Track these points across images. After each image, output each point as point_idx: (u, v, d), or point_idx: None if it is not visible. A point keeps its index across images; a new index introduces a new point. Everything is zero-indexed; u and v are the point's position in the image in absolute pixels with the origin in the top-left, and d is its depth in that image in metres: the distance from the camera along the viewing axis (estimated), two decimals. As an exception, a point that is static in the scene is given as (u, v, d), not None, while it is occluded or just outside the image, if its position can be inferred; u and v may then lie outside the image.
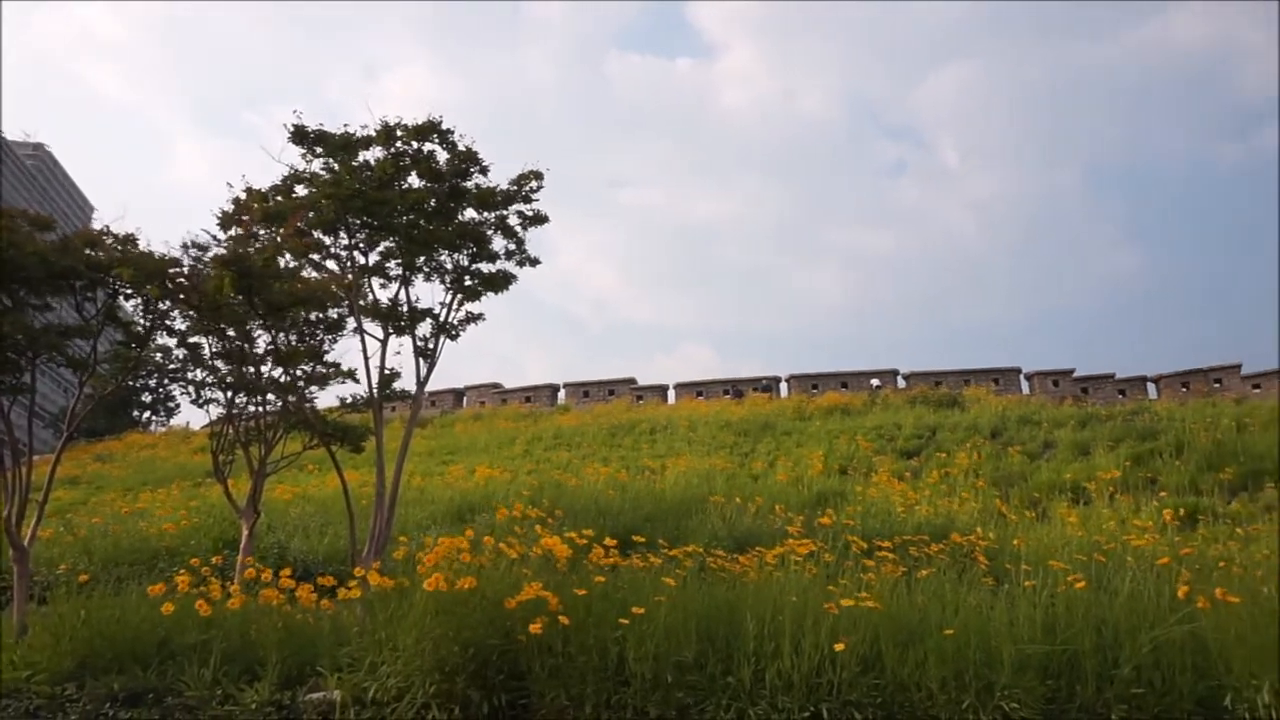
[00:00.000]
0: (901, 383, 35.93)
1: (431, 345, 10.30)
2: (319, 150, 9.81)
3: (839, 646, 5.05)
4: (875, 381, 35.73)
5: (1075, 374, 35.14)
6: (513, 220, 10.41)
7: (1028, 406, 23.52)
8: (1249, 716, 4.77)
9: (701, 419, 24.58)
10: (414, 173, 10.02)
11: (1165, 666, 5.00)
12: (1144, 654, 5.01)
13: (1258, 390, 31.42)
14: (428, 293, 33.04)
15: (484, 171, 10.14)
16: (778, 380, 37.82)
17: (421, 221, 9.87)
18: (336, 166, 9.87)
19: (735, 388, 37.00)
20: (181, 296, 9.16)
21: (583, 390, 38.03)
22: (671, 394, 37.60)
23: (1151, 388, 34.35)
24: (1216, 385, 32.70)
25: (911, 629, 5.36)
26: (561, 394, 38.50)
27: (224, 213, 9.97)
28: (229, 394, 10.25)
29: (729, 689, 5.21)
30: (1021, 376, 35.87)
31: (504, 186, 10.19)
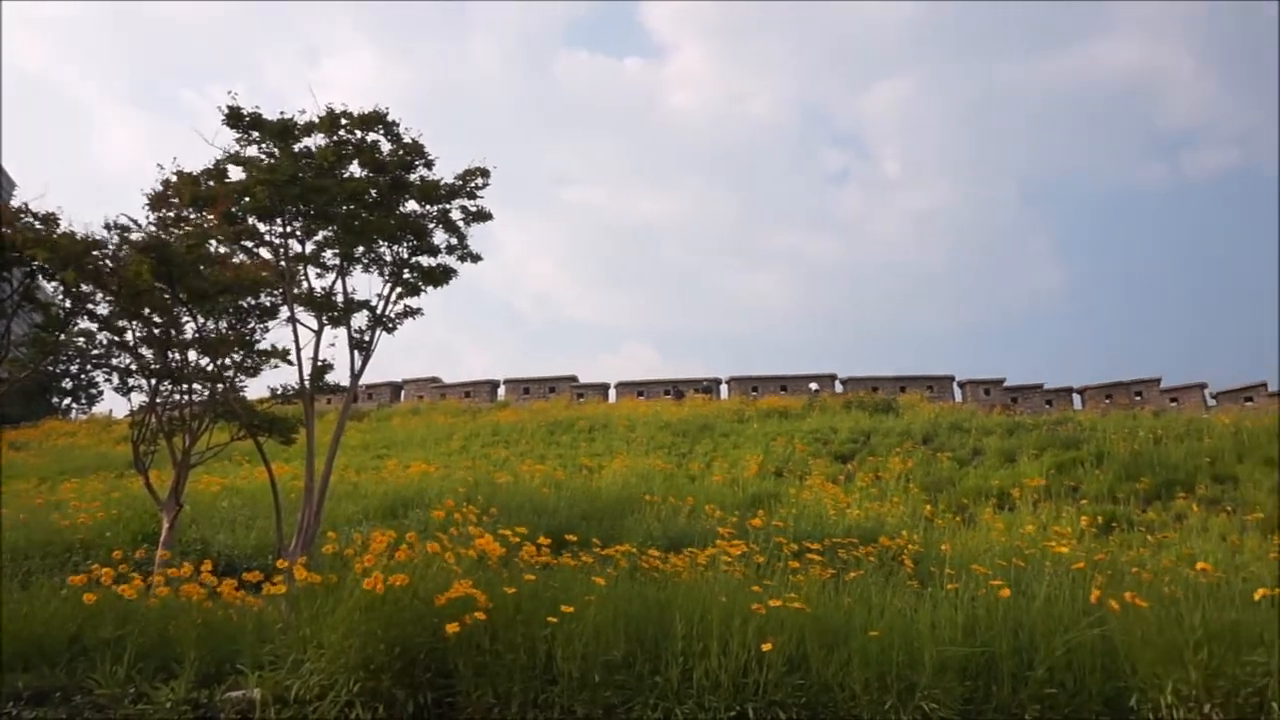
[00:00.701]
0: (840, 387, 36.53)
1: (367, 337, 10.13)
2: (255, 135, 9.57)
3: (766, 647, 5.11)
4: (814, 386, 36.26)
5: (1006, 383, 36.16)
6: (456, 215, 10.29)
7: (959, 414, 24.11)
8: (1152, 716, 4.97)
9: (641, 418, 24.64)
10: (356, 162, 9.84)
11: (1077, 668, 5.17)
12: (1057, 656, 5.18)
13: (1174, 404, 32.73)
14: (365, 284, 32.42)
15: (428, 165, 10.02)
16: (718, 382, 38.12)
17: (362, 212, 9.70)
18: (277, 152, 9.63)
19: (676, 388, 37.19)
20: (102, 281, 8.82)
21: (523, 387, 37.81)
22: (612, 393, 37.63)
23: (1077, 398, 35.52)
24: (1138, 398, 33.98)
25: (837, 630, 5.46)
26: (501, 390, 38.22)
27: (153, 194, 9.65)
28: (153, 382, 9.91)
29: (656, 688, 5.23)
30: (955, 384, 36.77)
31: (448, 181, 10.07)
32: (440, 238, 10.23)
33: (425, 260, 10.21)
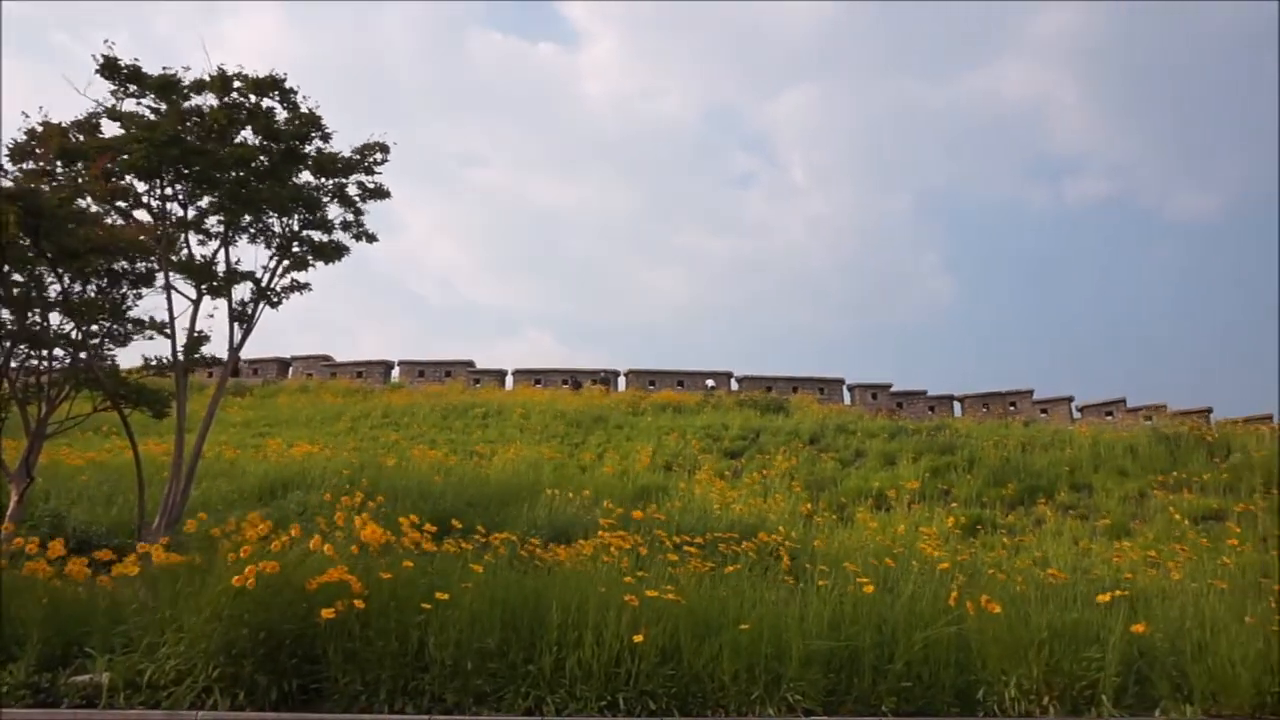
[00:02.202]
0: (735, 385, 37.20)
1: (250, 310, 9.70)
2: (132, 88, 9.01)
3: (638, 638, 5.18)
4: (710, 382, 36.81)
5: (892, 389, 37.53)
6: (352, 190, 9.96)
7: (846, 416, 24.90)
8: (997, 708, 5.29)
9: (536, 407, 24.50)
10: (249, 128, 9.39)
11: (933, 662, 5.44)
12: (916, 651, 5.44)
13: (1044, 415, 34.70)
14: (251, 255, 31.00)
15: (326, 137, 9.66)
16: (616, 374, 38.27)
17: (251, 180, 9.26)
18: (164, 108, 9.11)
19: (574, 378, 37.12)
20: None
21: (418, 369, 37.04)
22: (510, 380, 37.28)
23: (958, 406, 37.23)
24: (1012, 408, 35.85)
25: (711, 622, 5.58)
26: (396, 372, 37.33)
27: (15, 143, 8.98)
28: (8, 344, 9.24)
29: (529, 677, 5.24)
30: (845, 387, 37.95)
31: (346, 154, 9.73)
32: (335, 213, 9.90)
33: (317, 235, 9.85)
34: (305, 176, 9.76)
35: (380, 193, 10.01)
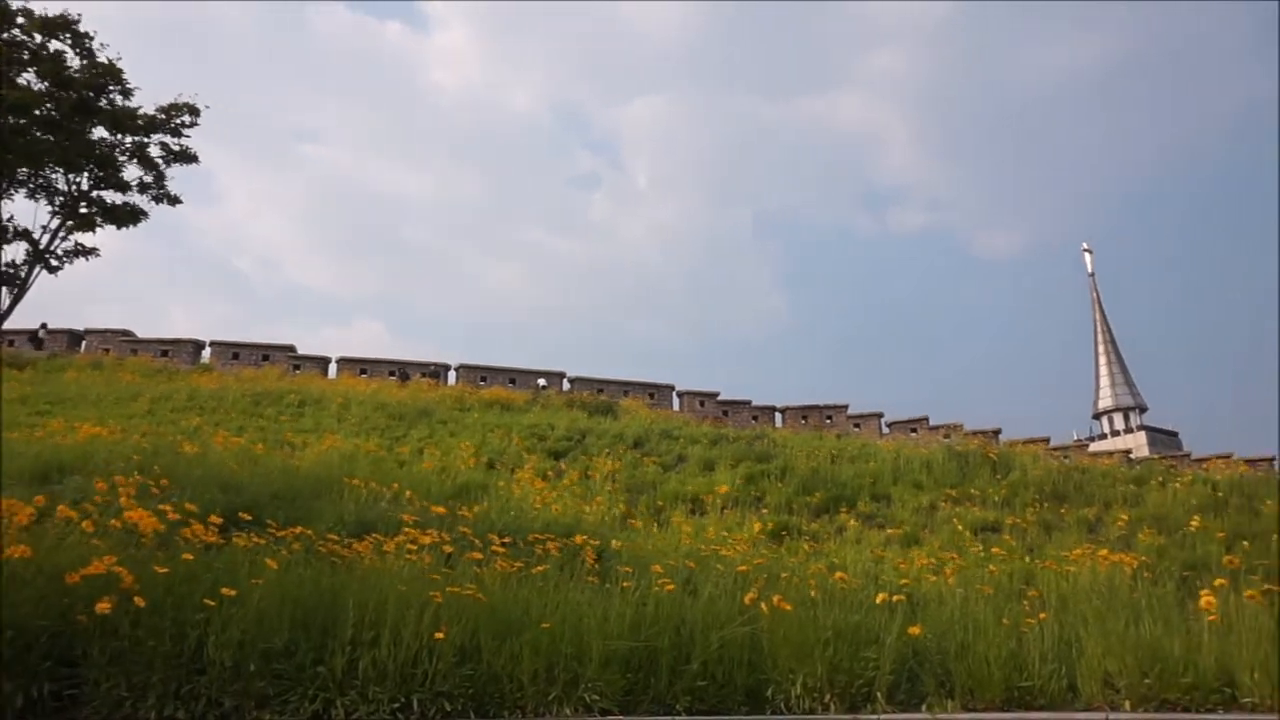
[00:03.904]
0: (567, 385, 37.31)
1: (24, 273, 8.76)
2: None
3: (438, 636, 5.06)
4: (542, 381, 36.73)
5: (720, 397, 38.86)
6: (155, 151, 9.21)
7: (673, 422, 25.49)
8: (784, 705, 5.54)
9: (358, 397, 23.55)
10: (33, 70, 8.48)
11: (728, 662, 5.64)
12: (712, 651, 5.62)
13: (857, 428, 37.01)
14: (29, 213, 28.06)
15: (126, 92, 8.90)
16: (447, 368, 37.47)
17: (34, 129, 8.36)
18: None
19: (403, 369, 36.01)
20: None
21: (232, 351, 34.78)
22: (333, 368, 35.70)
23: (779, 416, 39.01)
24: (828, 421, 38.01)
25: (513, 622, 5.53)
26: (207, 352, 34.89)
27: None
28: None
29: (318, 678, 5.00)
30: (675, 393, 38.92)
31: (149, 112, 8.98)
32: (133, 174, 9.10)
33: (111, 196, 9.03)
34: (100, 133, 8.92)
35: (187, 156, 9.32)
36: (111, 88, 8.63)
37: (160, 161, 9.17)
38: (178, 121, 9.04)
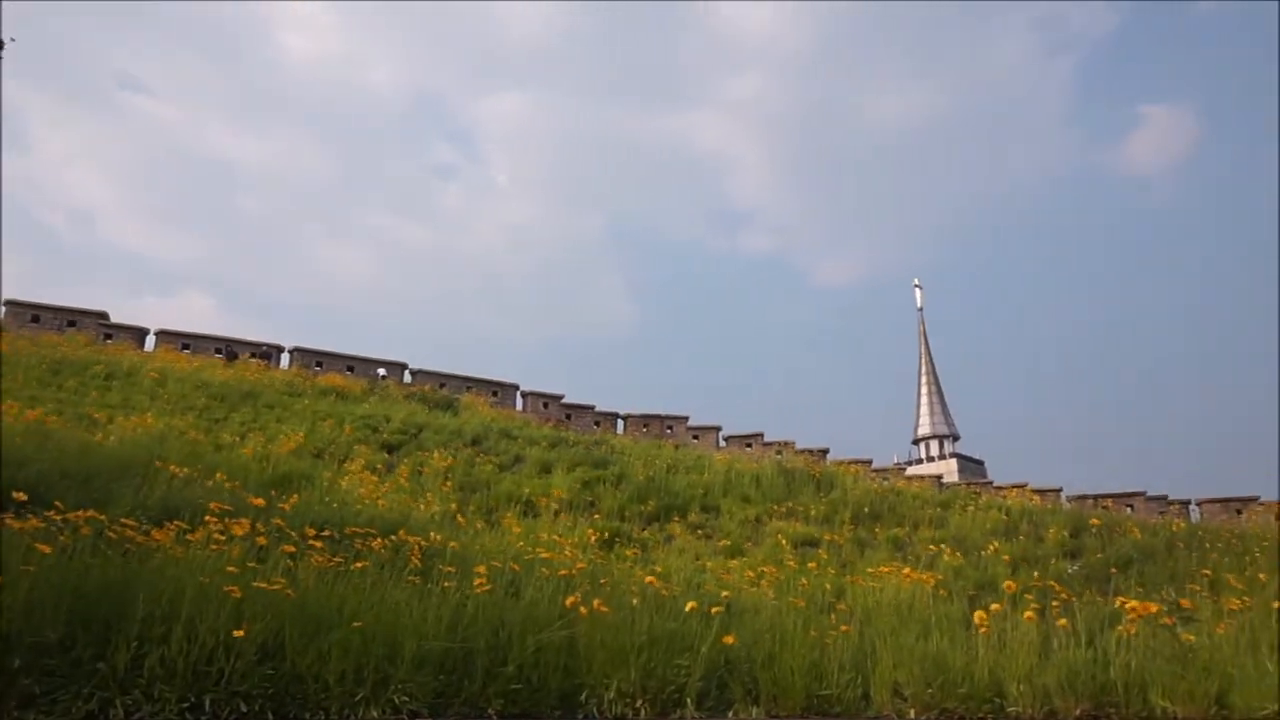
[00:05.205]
0: (409, 377, 36.22)
1: None
2: None
3: (238, 633, 4.79)
4: (382, 371, 35.49)
5: (564, 400, 38.81)
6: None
7: (514, 421, 25.29)
8: (596, 710, 5.59)
9: (176, 374, 21.94)
10: None
11: (544, 666, 5.63)
12: (528, 654, 5.60)
13: (696, 440, 37.94)
14: None
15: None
16: (280, 350, 35.57)
17: None
18: None
19: (230, 348, 33.88)
20: None
21: (31, 313, 31.59)
22: (151, 340, 33.12)
23: (621, 423, 39.42)
24: (669, 430, 38.74)
25: (324, 620, 5.31)
26: (0, 311, 31.54)
27: None
28: None
29: (97, 675, 4.61)
30: (519, 393, 38.56)
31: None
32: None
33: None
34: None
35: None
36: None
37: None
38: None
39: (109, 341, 30.82)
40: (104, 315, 32.63)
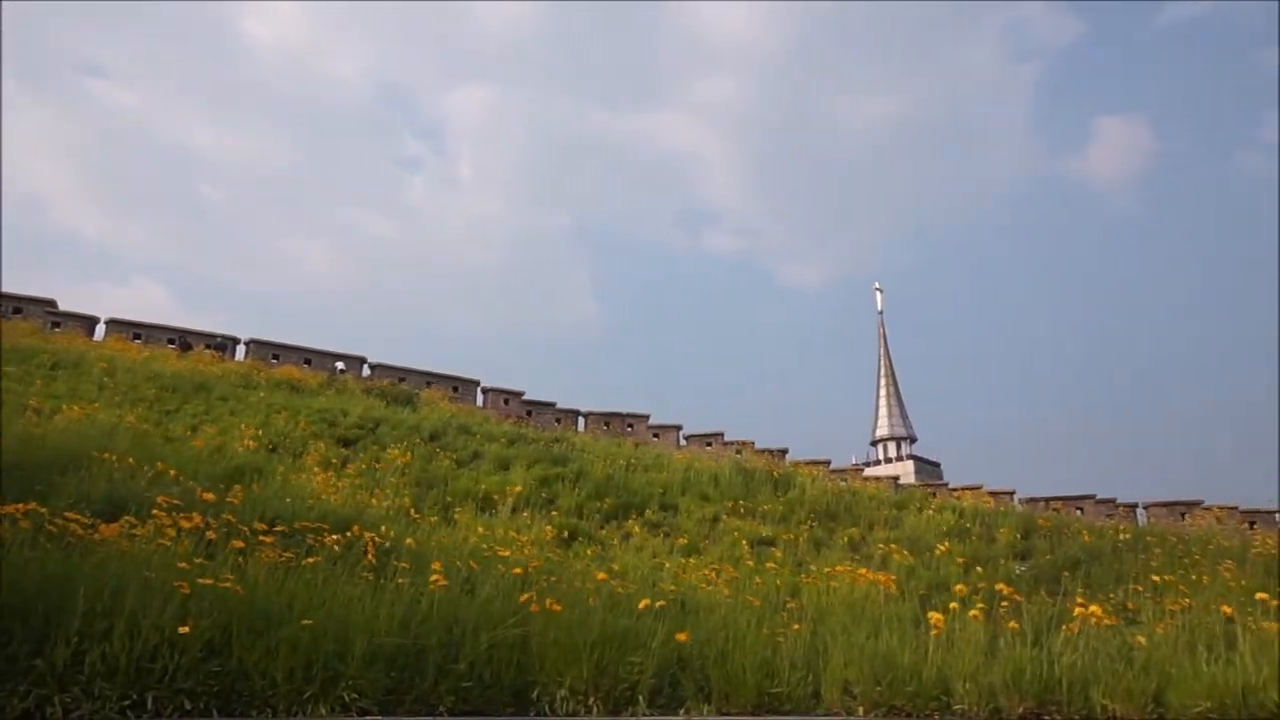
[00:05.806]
0: (367, 371, 35.81)
1: None
2: None
3: (184, 629, 4.70)
4: (340, 365, 35.03)
5: (525, 396, 38.63)
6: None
7: (474, 417, 25.11)
8: (548, 707, 5.59)
9: (127, 364, 21.45)
10: None
11: (497, 663, 5.61)
12: (481, 651, 5.57)
13: (656, 438, 38.00)
14: None
15: None
16: (236, 341, 34.97)
17: None
18: None
19: (184, 338, 33.22)
20: None
21: (-25, 300, 30.68)
22: (101, 329, 32.34)
23: (582, 421, 39.34)
24: (629, 429, 38.76)
25: (273, 616, 5.23)
26: (-58, 298, 30.56)
27: None
28: None
29: (33, 673, 4.49)
30: (480, 389, 38.30)
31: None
32: None
33: None
34: None
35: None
36: None
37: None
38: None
39: (57, 330, 30.04)
40: (52, 303, 31.82)
